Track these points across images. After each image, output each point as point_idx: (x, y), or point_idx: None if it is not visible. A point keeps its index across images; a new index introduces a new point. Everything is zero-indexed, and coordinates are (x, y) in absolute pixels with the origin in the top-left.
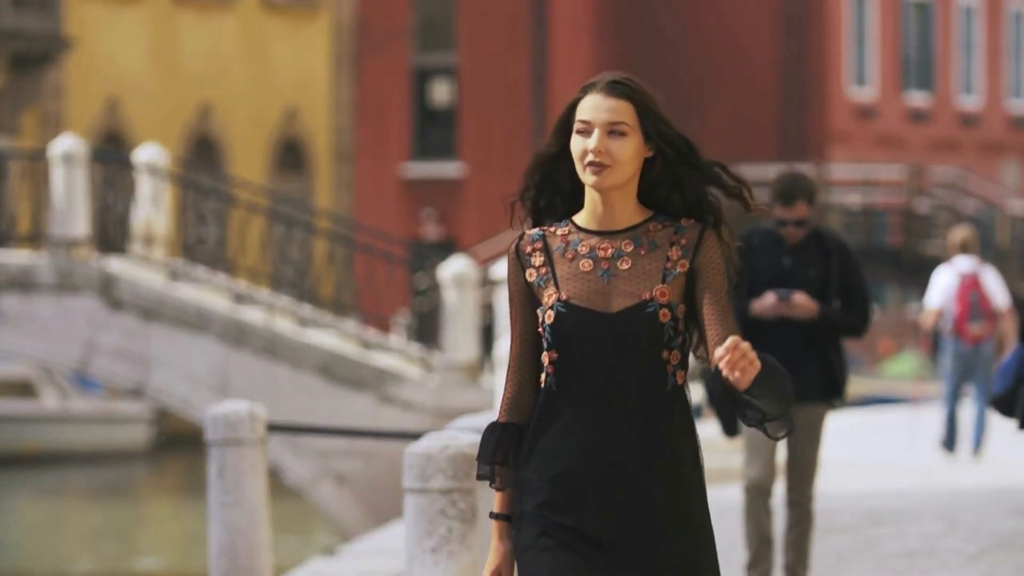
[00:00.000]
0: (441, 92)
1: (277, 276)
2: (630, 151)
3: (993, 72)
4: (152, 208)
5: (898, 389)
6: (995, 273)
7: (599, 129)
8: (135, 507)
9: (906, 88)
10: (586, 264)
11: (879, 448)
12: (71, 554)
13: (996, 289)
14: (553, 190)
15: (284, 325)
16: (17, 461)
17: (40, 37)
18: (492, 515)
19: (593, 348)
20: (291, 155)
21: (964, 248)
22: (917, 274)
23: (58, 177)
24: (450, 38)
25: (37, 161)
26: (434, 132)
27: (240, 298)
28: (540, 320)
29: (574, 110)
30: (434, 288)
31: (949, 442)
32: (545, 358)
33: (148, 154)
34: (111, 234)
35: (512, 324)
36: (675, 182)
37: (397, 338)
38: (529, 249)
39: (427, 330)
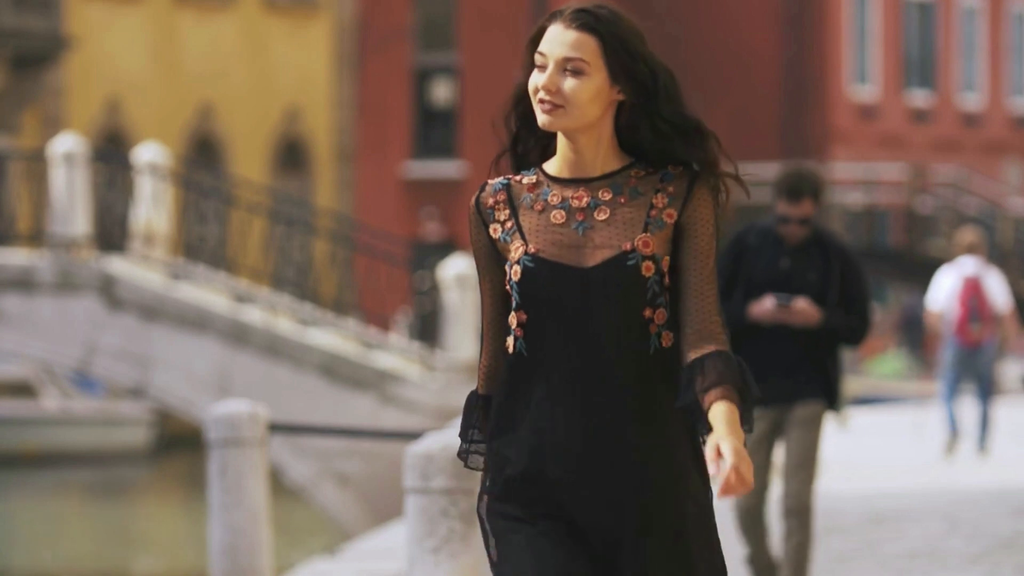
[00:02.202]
0: (442, 92)
1: (278, 276)
2: (588, 92)
3: (995, 72)
4: (153, 207)
5: (885, 389)
6: (999, 275)
7: (553, 64)
8: (135, 507)
9: (907, 87)
10: (558, 215)
11: (880, 448)
12: (71, 554)
13: (998, 291)
14: (529, 131)
15: (285, 325)
16: (17, 461)
17: (41, 37)
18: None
19: (566, 307)
20: (292, 155)
21: (971, 250)
22: (918, 274)
23: (59, 177)
24: (451, 38)
25: (37, 161)
26: (435, 132)
27: (241, 298)
28: (507, 277)
29: (537, 39)
30: (435, 288)
31: (950, 442)
32: (513, 319)
33: (149, 154)
34: (112, 234)
35: (481, 287)
36: (651, 122)
37: (398, 338)
38: (491, 202)
39: (428, 330)
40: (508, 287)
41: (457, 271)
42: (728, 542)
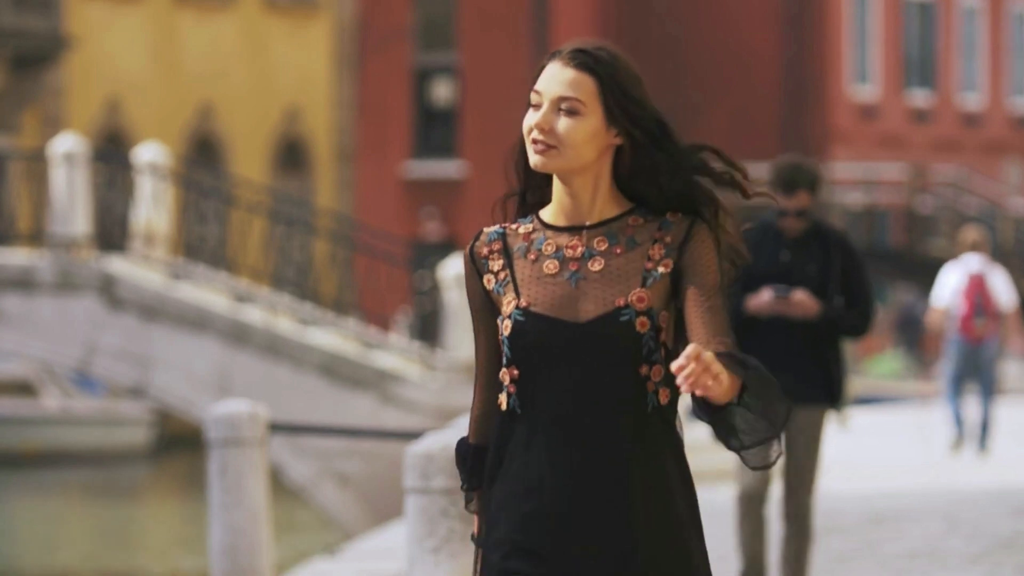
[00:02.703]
0: (442, 92)
1: (278, 276)
2: (583, 133)
3: (995, 71)
4: (153, 207)
5: (883, 388)
6: (1003, 273)
7: (548, 103)
8: (135, 507)
9: (908, 87)
10: (551, 265)
11: (880, 448)
12: (71, 554)
13: (1002, 289)
14: (539, 179)
15: (285, 325)
16: (17, 461)
17: (41, 37)
18: (473, 538)
19: (559, 364)
20: (292, 155)
21: (975, 248)
22: (918, 274)
23: (59, 176)
24: (451, 38)
25: (37, 161)
26: (435, 132)
27: (241, 298)
28: (499, 331)
29: (539, 77)
30: (435, 288)
31: (957, 440)
32: (505, 375)
33: (149, 153)
34: (112, 233)
35: (476, 337)
36: (650, 172)
37: (398, 338)
38: (486, 251)
39: (428, 330)
40: (500, 340)
41: (457, 271)
42: (719, 560)
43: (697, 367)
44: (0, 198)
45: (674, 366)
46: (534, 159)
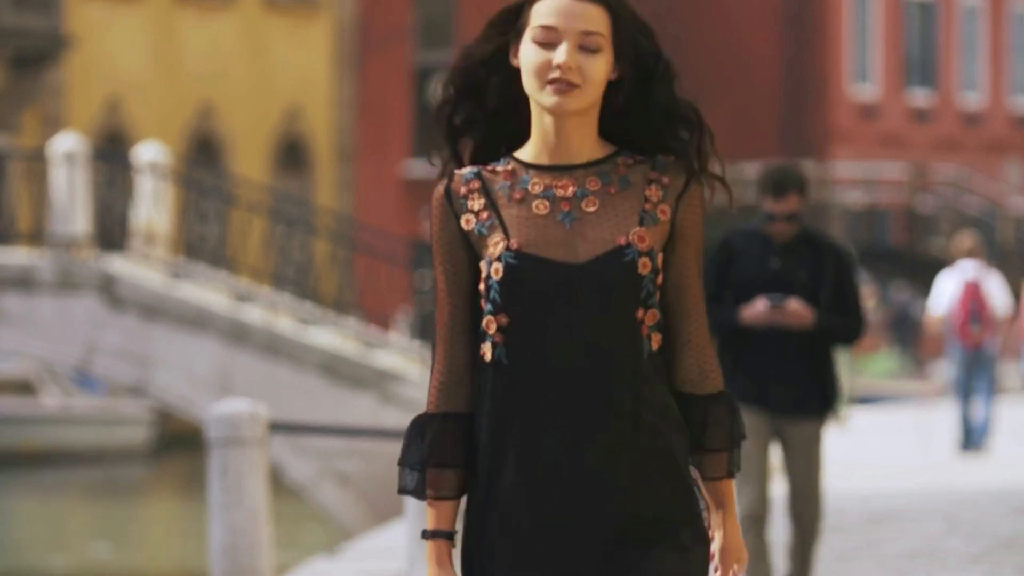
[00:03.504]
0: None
1: (278, 275)
2: (604, 70)
3: (996, 71)
4: (153, 207)
5: (881, 388)
6: (999, 278)
7: (568, 40)
8: (135, 507)
9: (908, 87)
10: (541, 205)
11: (880, 448)
12: (71, 553)
13: (997, 294)
14: (475, 104)
15: (285, 324)
16: (17, 461)
17: (41, 36)
18: (426, 534)
19: (553, 309)
20: (292, 154)
21: (970, 254)
22: (918, 274)
23: (59, 176)
24: (451, 37)
25: (38, 160)
26: (435, 131)
27: (241, 297)
28: (484, 275)
29: (524, 11)
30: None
31: (965, 442)
32: (491, 323)
33: (149, 153)
34: (112, 233)
35: (439, 286)
36: (642, 111)
37: (398, 337)
38: (464, 190)
39: (428, 329)
40: (483, 287)
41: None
42: None
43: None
44: (0, 197)
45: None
46: (552, 100)
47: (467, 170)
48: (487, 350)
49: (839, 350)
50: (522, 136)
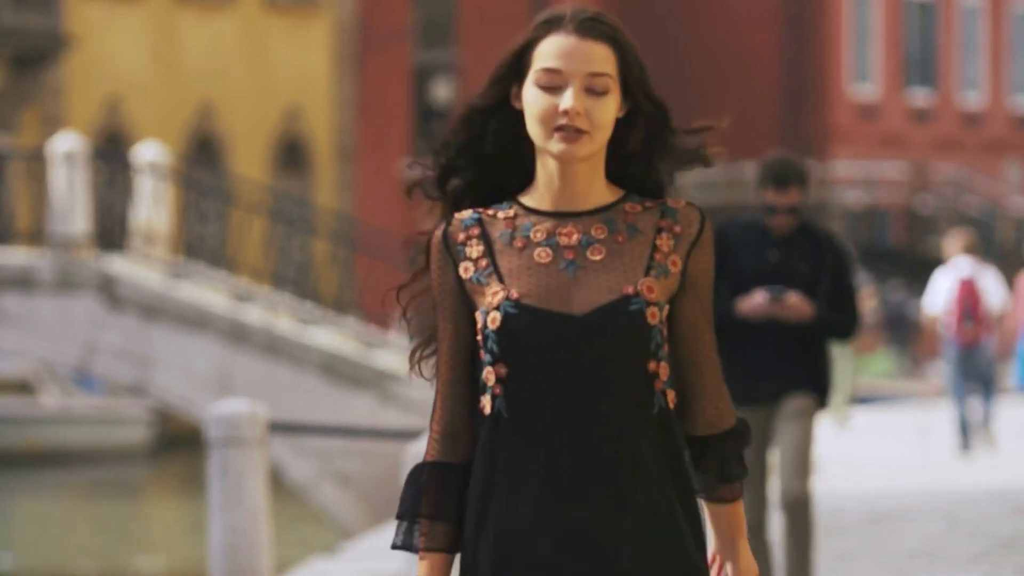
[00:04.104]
0: (442, 91)
1: (278, 275)
2: (612, 112)
3: (996, 70)
4: (153, 207)
5: (880, 388)
6: (996, 275)
7: (575, 83)
8: (135, 507)
9: (908, 86)
10: (543, 253)
11: (880, 448)
12: (71, 553)
13: (994, 292)
14: (473, 154)
15: (285, 324)
16: (17, 460)
17: (41, 36)
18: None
19: (556, 360)
20: (292, 154)
21: (966, 251)
22: (918, 274)
23: (59, 176)
24: (451, 37)
25: (37, 160)
26: (435, 131)
27: (241, 297)
28: (481, 325)
29: (527, 53)
30: None
31: (965, 442)
32: (489, 375)
33: (149, 152)
34: (112, 233)
35: (440, 335)
36: (649, 151)
37: (398, 337)
38: (462, 236)
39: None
40: (480, 337)
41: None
42: None
43: None
44: (0, 197)
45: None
46: (558, 148)
47: (467, 215)
48: (486, 403)
49: (836, 346)
50: (521, 179)
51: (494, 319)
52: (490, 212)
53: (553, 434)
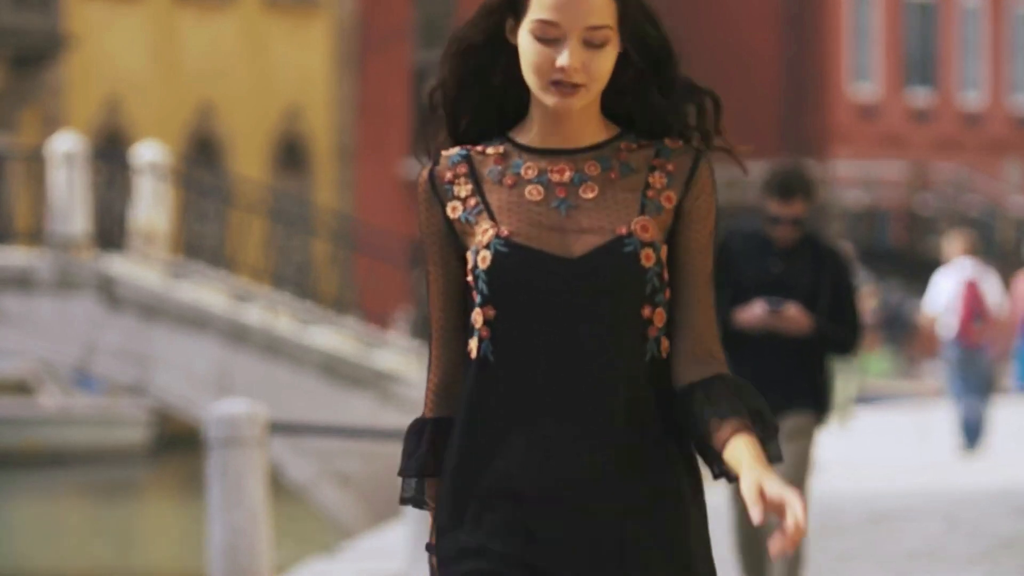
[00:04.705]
0: None
1: (278, 275)
2: (610, 63)
3: (996, 70)
4: (152, 206)
5: (877, 388)
6: (995, 277)
7: (572, 37)
8: (134, 507)
9: (908, 86)
10: (534, 191)
11: (879, 448)
12: (70, 554)
13: (994, 292)
14: (479, 88)
15: (285, 324)
16: (16, 461)
17: (41, 35)
18: (430, 547)
19: (545, 304)
20: (292, 154)
21: (968, 252)
22: (918, 274)
23: (58, 176)
24: None
25: (37, 160)
26: (427, 123)
27: (241, 297)
28: (471, 265)
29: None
30: None
31: (969, 442)
32: (477, 317)
33: (149, 152)
34: (111, 233)
35: (431, 280)
36: (653, 95)
37: (398, 337)
38: (449, 175)
39: (428, 328)
40: (470, 278)
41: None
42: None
43: (794, 528)
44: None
45: (754, 514)
46: (555, 101)
47: (454, 152)
48: (473, 346)
49: (835, 358)
50: (521, 111)
51: (484, 258)
52: (479, 149)
53: (540, 381)
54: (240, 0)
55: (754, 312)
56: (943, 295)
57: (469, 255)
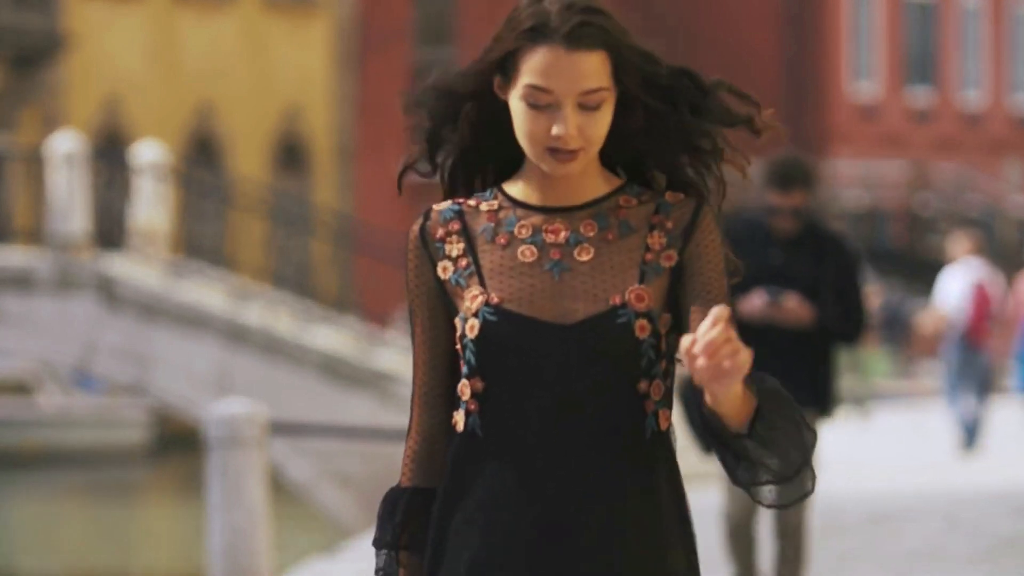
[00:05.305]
0: None
1: (278, 275)
2: (607, 123)
3: (996, 70)
4: (152, 206)
5: (876, 388)
6: (1000, 277)
7: (567, 103)
8: (134, 507)
9: (908, 86)
10: (527, 252)
11: (880, 448)
12: (70, 554)
13: (999, 292)
14: (454, 130)
15: (285, 324)
16: (16, 461)
17: (40, 35)
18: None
19: (537, 377)
20: (292, 154)
21: (975, 252)
22: (918, 274)
23: (58, 175)
24: (451, 35)
25: (37, 159)
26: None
27: (241, 297)
28: (459, 333)
29: (512, 57)
30: None
31: (967, 442)
32: (465, 388)
33: (148, 152)
34: (111, 232)
35: (415, 342)
36: (659, 138)
37: (398, 336)
38: (441, 233)
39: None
40: (460, 346)
41: None
42: (715, 561)
43: (720, 337)
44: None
45: (684, 343)
46: (553, 167)
47: (446, 207)
48: (460, 419)
49: (843, 350)
50: (510, 157)
51: (472, 327)
52: (472, 203)
53: (531, 461)
54: (240, 0)
55: (753, 303)
56: (952, 295)
57: (458, 322)
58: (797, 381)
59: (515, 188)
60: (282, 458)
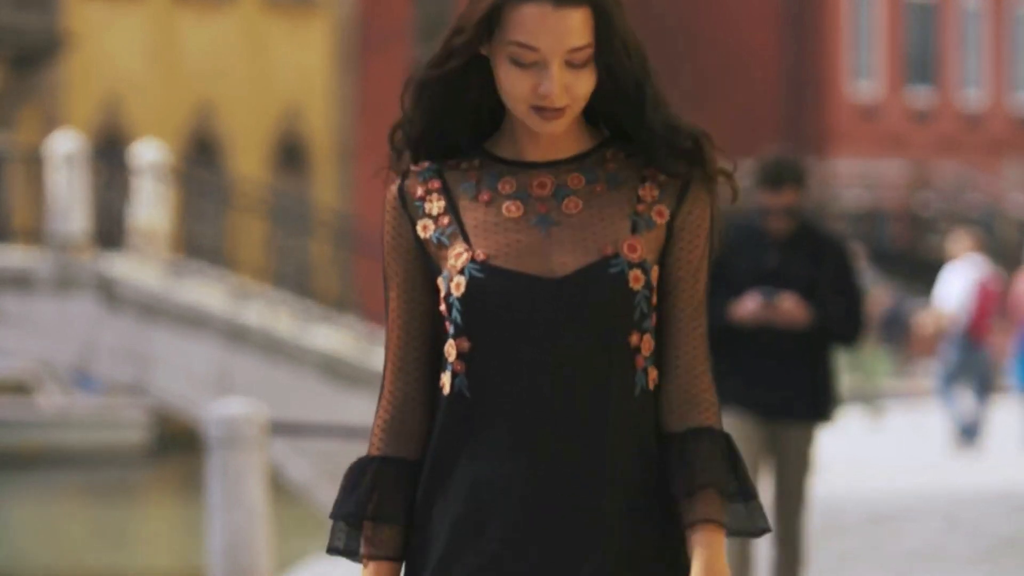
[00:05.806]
0: None
1: (278, 274)
2: (593, 79)
3: (996, 70)
4: (152, 206)
5: (876, 388)
6: (999, 276)
7: (553, 61)
8: (134, 508)
9: (908, 86)
10: (512, 207)
11: (880, 448)
12: (70, 554)
13: (1000, 291)
14: (453, 111)
15: (285, 324)
16: (16, 461)
17: (40, 35)
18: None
19: (526, 333)
20: (291, 154)
21: (976, 250)
22: (919, 274)
23: (58, 175)
24: None
25: (36, 159)
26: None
27: (240, 297)
28: (444, 293)
29: (496, 13)
30: None
31: (966, 440)
32: (451, 349)
33: (148, 152)
34: (111, 232)
35: (391, 306)
36: (637, 100)
37: None
38: (420, 191)
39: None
40: (444, 307)
41: None
42: None
43: None
44: None
45: None
46: (537, 125)
47: (425, 166)
48: (447, 380)
49: (842, 351)
50: (495, 121)
51: (458, 285)
52: (452, 162)
53: (520, 415)
54: (240, 0)
55: (747, 305)
56: (954, 292)
57: (441, 282)
58: (795, 384)
59: (496, 146)
60: (282, 458)
